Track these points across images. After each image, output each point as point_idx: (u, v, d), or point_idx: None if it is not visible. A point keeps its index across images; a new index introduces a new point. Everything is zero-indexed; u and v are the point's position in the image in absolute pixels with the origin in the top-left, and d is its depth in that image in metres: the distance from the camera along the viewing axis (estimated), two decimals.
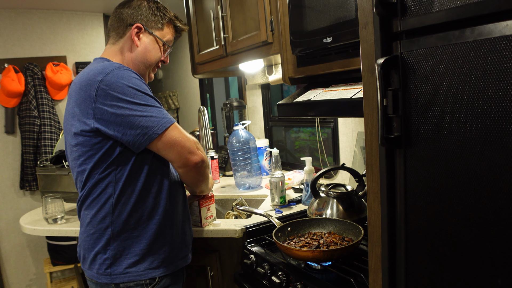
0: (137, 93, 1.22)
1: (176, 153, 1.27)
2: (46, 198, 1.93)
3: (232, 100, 2.89)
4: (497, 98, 0.61)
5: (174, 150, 1.27)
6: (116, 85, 1.20)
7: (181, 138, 1.27)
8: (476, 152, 0.65)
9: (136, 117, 1.21)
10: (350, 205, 1.56)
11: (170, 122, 1.26)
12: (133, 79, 1.24)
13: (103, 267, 1.29)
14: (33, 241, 3.58)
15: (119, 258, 1.29)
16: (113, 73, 1.22)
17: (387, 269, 0.84)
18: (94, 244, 1.30)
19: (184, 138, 1.28)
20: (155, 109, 1.24)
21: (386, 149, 0.81)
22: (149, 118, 1.22)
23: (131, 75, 1.24)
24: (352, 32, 1.28)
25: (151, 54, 1.42)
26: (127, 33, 1.39)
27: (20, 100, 3.40)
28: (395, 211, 0.82)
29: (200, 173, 1.40)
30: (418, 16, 0.72)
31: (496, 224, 0.63)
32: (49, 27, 3.51)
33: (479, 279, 0.67)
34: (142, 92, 1.23)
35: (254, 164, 2.32)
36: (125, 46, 1.39)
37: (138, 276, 1.30)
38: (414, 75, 0.75)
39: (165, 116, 1.26)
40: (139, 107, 1.21)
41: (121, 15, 1.39)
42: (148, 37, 1.40)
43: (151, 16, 1.41)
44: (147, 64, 1.42)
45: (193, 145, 1.31)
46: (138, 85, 1.24)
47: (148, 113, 1.22)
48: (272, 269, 1.40)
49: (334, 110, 1.40)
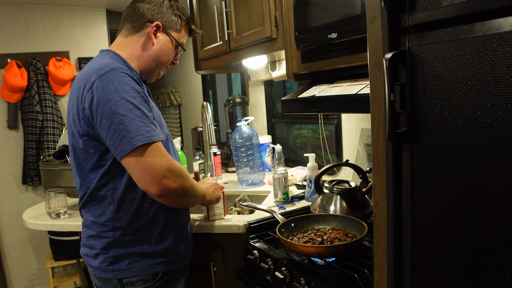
0: (121, 101, 1.15)
1: (136, 176, 1.18)
2: (49, 192, 1.93)
3: (235, 96, 2.89)
4: (506, 93, 0.61)
5: (135, 172, 1.17)
6: (106, 89, 1.15)
7: (146, 161, 1.15)
8: (484, 148, 0.65)
9: (115, 129, 1.14)
10: (354, 202, 1.56)
11: (143, 141, 1.15)
12: (125, 84, 1.18)
13: (105, 263, 1.30)
14: (35, 236, 3.59)
15: (122, 256, 1.30)
16: (107, 75, 1.17)
17: (393, 264, 0.84)
18: (96, 245, 1.31)
19: (153, 162, 1.16)
20: (133, 121, 1.15)
21: (393, 144, 0.81)
22: (123, 132, 1.14)
23: (124, 80, 1.18)
24: (357, 28, 1.28)
25: (165, 54, 1.39)
26: (144, 29, 1.35)
27: (22, 95, 3.40)
28: (401, 206, 0.82)
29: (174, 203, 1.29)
30: (427, 11, 0.72)
31: (504, 220, 0.63)
32: (52, 22, 3.51)
33: (486, 275, 0.66)
34: (127, 100, 1.16)
35: (257, 161, 2.31)
36: (139, 42, 1.35)
37: (141, 271, 1.31)
38: (422, 70, 0.74)
39: (140, 133, 1.15)
40: (120, 116, 1.14)
41: (141, 9, 1.35)
42: (165, 36, 1.37)
43: (171, 16, 1.38)
44: (159, 63, 1.39)
45: (163, 172, 1.17)
46: (127, 92, 1.17)
47: (125, 125, 1.14)
48: (275, 265, 1.40)
49: (339, 106, 1.40)
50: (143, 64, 1.37)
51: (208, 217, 1.65)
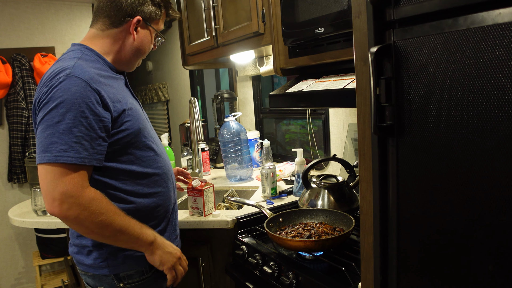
0: (59, 111, 1.09)
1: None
2: (35, 190, 1.91)
3: (223, 92, 2.88)
4: (489, 86, 0.61)
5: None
6: (55, 95, 1.10)
7: (45, 179, 1.09)
8: (468, 140, 0.65)
9: (37, 136, 1.12)
10: (341, 196, 1.57)
11: (45, 160, 1.08)
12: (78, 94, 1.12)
13: (99, 259, 1.26)
14: (21, 234, 3.54)
15: (116, 251, 1.26)
16: (61, 79, 1.12)
17: (379, 257, 0.85)
18: (89, 242, 1.27)
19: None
20: (53, 135, 1.08)
21: (379, 137, 0.82)
22: (40, 140, 1.11)
23: (76, 89, 1.11)
24: (343, 23, 1.28)
25: (145, 46, 1.35)
26: (123, 25, 1.29)
27: (7, 92, 3.35)
28: (387, 199, 0.83)
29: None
30: (412, 5, 0.72)
31: (487, 211, 0.64)
32: (36, 17, 3.46)
33: (471, 266, 0.67)
34: (62, 114, 1.09)
35: (245, 156, 2.31)
36: (118, 37, 1.30)
37: (137, 264, 1.29)
38: (407, 64, 0.75)
39: (49, 150, 1.08)
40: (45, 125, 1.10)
41: (119, 3, 1.27)
42: (144, 29, 1.33)
43: (151, 7, 1.31)
44: (139, 55, 1.36)
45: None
46: (74, 104, 1.10)
47: (44, 137, 1.10)
48: (263, 259, 1.41)
49: (326, 100, 1.41)
50: (122, 57, 1.33)
51: (204, 212, 1.65)
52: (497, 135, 0.61)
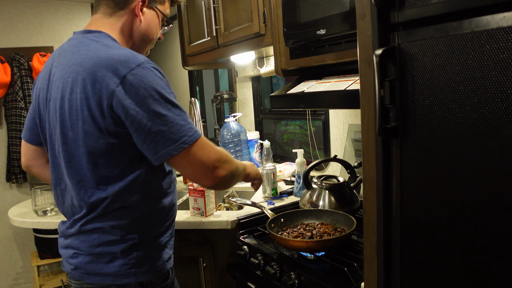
0: (160, 100, 1.06)
1: (188, 173, 1.16)
2: (36, 190, 1.91)
3: (222, 92, 2.88)
4: (493, 88, 0.62)
5: (187, 170, 1.15)
6: (142, 86, 1.05)
7: (196, 159, 1.11)
8: (472, 142, 0.66)
9: (157, 131, 1.06)
10: (342, 196, 1.58)
11: (188, 142, 1.09)
12: (159, 80, 1.09)
13: (127, 266, 1.15)
14: (20, 234, 3.53)
15: (144, 256, 1.18)
16: (138, 69, 1.06)
17: (382, 257, 0.86)
18: (114, 249, 1.15)
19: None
20: (176, 121, 1.07)
21: (383, 139, 0.82)
22: (167, 134, 1.07)
23: (156, 75, 1.09)
24: (345, 24, 1.29)
25: (153, 30, 1.28)
26: (129, 6, 1.21)
27: (6, 91, 3.34)
28: (391, 200, 0.83)
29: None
30: (416, 8, 0.73)
31: (490, 213, 0.64)
32: (35, 16, 3.45)
33: (474, 266, 0.68)
34: (165, 98, 1.07)
35: (245, 156, 2.32)
36: (126, 20, 1.22)
37: (160, 271, 1.22)
38: (411, 66, 0.75)
39: (184, 133, 1.09)
40: (161, 117, 1.06)
41: None
42: (150, 11, 1.25)
43: None
44: (148, 41, 1.29)
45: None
46: (164, 88, 1.08)
47: (168, 127, 1.06)
48: (265, 260, 1.41)
49: (328, 101, 1.41)
50: (135, 46, 1.27)
51: (205, 212, 1.65)
52: (501, 137, 0.62)
